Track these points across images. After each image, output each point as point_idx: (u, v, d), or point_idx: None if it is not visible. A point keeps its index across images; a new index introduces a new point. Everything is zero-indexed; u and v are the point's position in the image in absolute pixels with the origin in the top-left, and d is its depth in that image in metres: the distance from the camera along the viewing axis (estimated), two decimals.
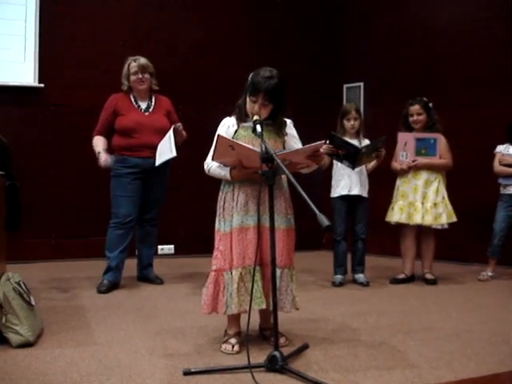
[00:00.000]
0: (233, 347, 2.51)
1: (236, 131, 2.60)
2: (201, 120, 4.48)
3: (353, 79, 6.06)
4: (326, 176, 4.37)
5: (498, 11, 5.03)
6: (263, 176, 2.25)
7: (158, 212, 4.21)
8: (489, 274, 4.40)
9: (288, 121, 2.67)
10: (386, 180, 4.43)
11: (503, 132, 4.50)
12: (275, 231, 2.34)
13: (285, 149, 2.58)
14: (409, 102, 4.29)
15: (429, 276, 4.28)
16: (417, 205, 4.18)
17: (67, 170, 5.24)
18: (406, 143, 4.23)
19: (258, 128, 2.37)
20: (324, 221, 1.98)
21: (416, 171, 4.24)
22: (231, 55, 5.77)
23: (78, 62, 5.24)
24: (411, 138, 4.21)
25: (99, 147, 3.95)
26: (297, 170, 2.55)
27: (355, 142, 4.08)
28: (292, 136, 2.67)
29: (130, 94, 4.04)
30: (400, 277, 4.31)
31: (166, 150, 3.80)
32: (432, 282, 4.22)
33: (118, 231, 3.95)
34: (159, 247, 5.31)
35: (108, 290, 3.84)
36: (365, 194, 4.22)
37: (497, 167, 4.45)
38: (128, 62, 4.02)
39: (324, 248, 5.91)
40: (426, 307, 3.49)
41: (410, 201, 4.22)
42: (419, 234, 4.34)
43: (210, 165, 2.58)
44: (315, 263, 5.10)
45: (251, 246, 2.48)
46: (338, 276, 4.22)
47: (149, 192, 4.07)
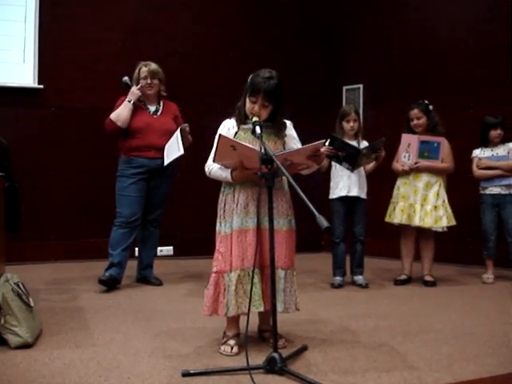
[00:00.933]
0: (232, 349, 2.51)
1: (236, 133, 2.59)
2: (200, 122, 4.47)
3: (352, 81, 6.06)
4: (325, 178, 4.37)
5: (498, 13, 5.03)
6: (262, 178, 2.25)
7: (162, 214, 4.22)
8: (492, 277, 4.40)
9: (288, 122, 2.67)
10: (386, 182, 4.43)
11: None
12: (277, 233, 2.34)
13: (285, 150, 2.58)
14: (409, 106, 4.30)
15: (428, 278, 4.29)
16: (416, 206, 4.19)
17: (67, 171, 5.24)
18: (410, 144, 4.22)
19: (258, 130, 2.36)
20: (323, 222, 1.99)
21: (417, 173, 4.25)
22: (230, 57, 5.78)
23: (78, 63, 5.24)
24: (416, 140, 4.21)
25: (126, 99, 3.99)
26: (297, 171, 2.55)
27: (354, 144, 4.09)
28: (292, 137, 2.67)
29: (139, 97, 4.06)
30: (402, 278, 4.33)
31: (174, 149, 3.84)
32: (431, 284, 4.23)
33: (122, 230, 3.97)
34: (158, 249, 5.30)
35: (109, 281, 3.85)
36: (363, 196, 4.22)
37: (476, 172, 4.48)
38: (139, 67, 4.08)
39: (323, 250, 5.92)
40: (426, 309, 3.49)
41: (411, 202, 4.23)
42: (419, 236, 4.34)
43: (211, 167, 2.58)
44: (314, 265, 5.09)
45: (250, 249, 2.47)
46: (337, 278, 4.22)
47: (153, 193, 4.09)
